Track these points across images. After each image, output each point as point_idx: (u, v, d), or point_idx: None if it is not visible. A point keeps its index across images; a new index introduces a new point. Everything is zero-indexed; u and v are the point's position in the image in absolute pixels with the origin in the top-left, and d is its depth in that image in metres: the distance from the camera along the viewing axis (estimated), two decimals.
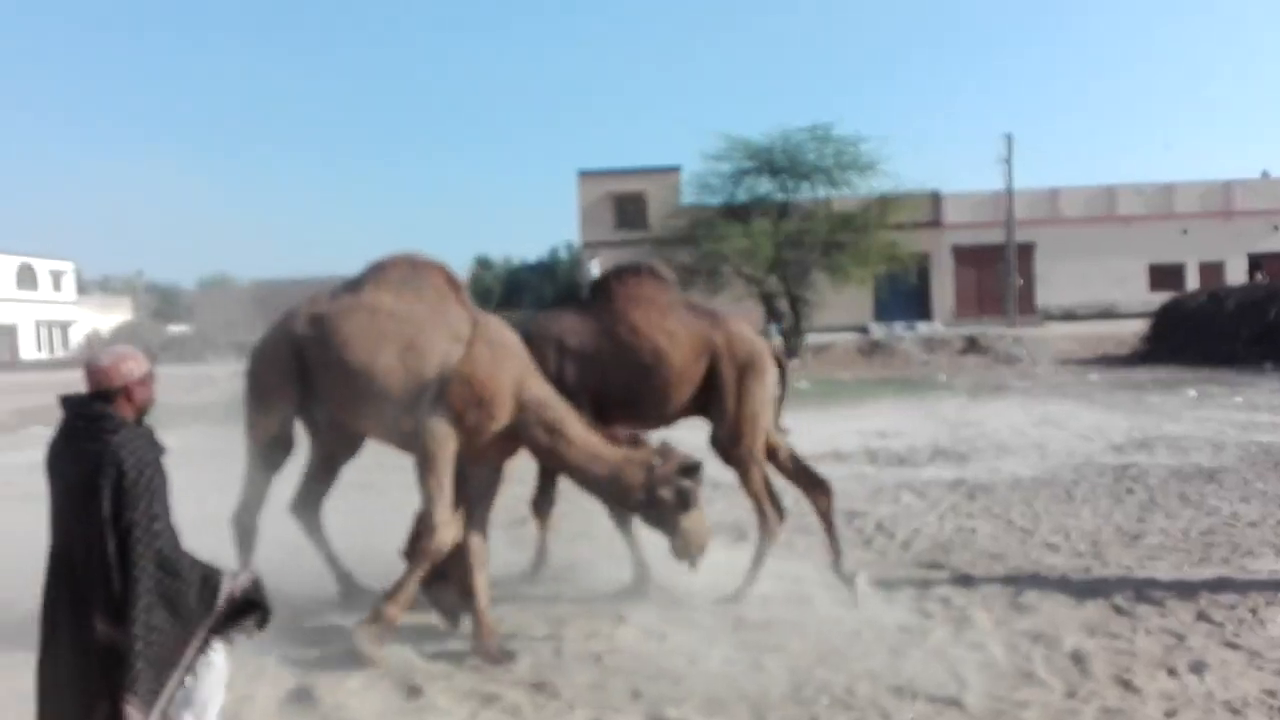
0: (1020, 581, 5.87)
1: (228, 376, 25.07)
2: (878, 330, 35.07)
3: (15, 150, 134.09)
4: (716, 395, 5.78)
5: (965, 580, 5.94)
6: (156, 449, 3.12)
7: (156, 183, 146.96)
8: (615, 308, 5.81)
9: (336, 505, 5.96)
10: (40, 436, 4.99)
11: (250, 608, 3.22)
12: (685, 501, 5.06)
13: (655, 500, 5.03)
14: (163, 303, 68.03)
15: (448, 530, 4.84)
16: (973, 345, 30.20)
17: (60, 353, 52.18)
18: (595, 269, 36.92)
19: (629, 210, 38.70)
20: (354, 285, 5.30)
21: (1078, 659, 4.54)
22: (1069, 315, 37.64)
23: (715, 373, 5.77)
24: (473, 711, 4.17)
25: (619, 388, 5.72)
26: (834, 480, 9.46)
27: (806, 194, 31.06)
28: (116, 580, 2.93)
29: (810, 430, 14.45)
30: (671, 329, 5.73)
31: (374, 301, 5.13)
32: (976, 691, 4.21)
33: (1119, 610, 5.24)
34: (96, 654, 2.94)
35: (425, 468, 4.90)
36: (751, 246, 27.81)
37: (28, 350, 53.26)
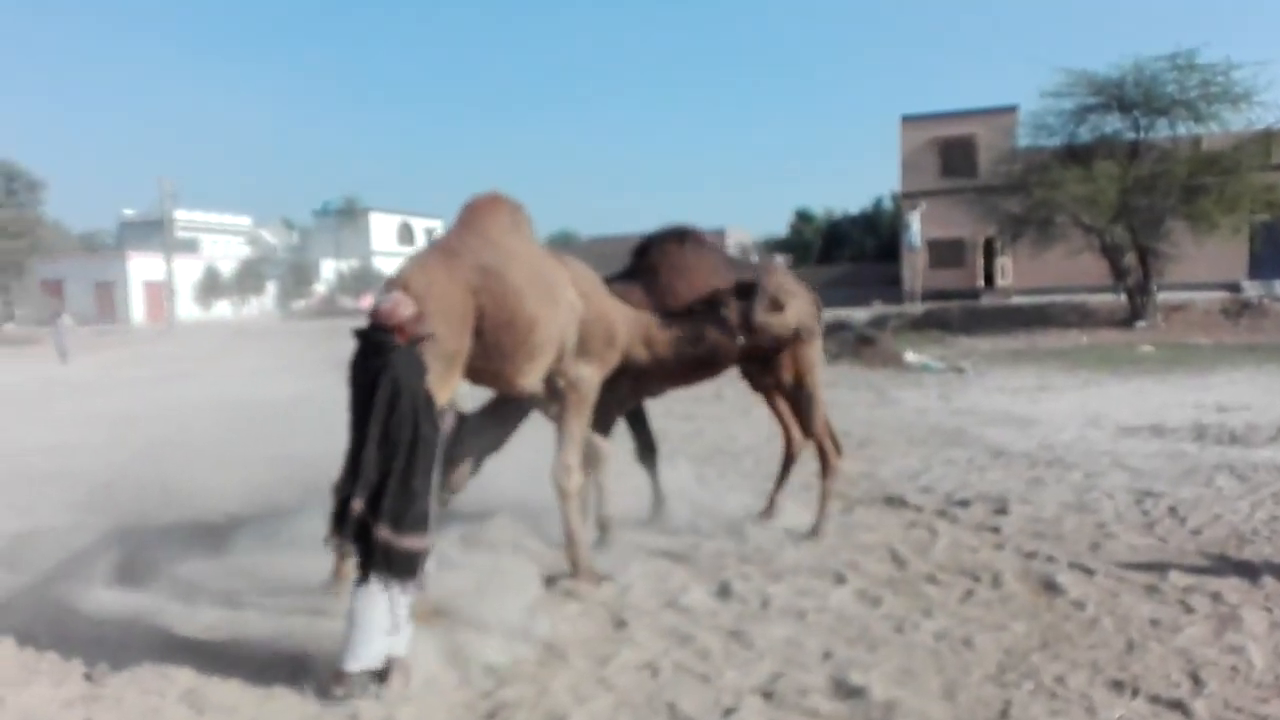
0: None
1: None
2: (1252, 288, 30.49)
3: (394, 121, 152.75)
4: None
5: (1253, 576, 5.18)
6: (420, 366, 4.04)
7: (517, 149, 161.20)
8: (660, 279, 5.87)
9: None
10: None
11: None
12: (775, 303, 5.69)
13: (754, 325, 5.62)
14: None
15: (580, 471, 5.32)
16: None
17: None
18: (915, 220, 35.39)
19: (955, 156, 36.40)
20: (476, 230, 5.02)
21: None
22: None
23: None
24: (666, 649, 4.37)
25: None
26: (1138, 457, 8.72)
27: (1164, 132, 27.39)
28: (376, 452, 3.82)
29: (1137, 399, 13.09)
30: None
31: (514, 248, 5.01)
32: (1212, 697, 3.72)
33: None
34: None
35: (574, 412, 5.27)
36: (1092, 192, 25.06)
37: None
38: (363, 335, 4.06)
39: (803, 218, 67.93)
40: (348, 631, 3.85)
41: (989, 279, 37.48)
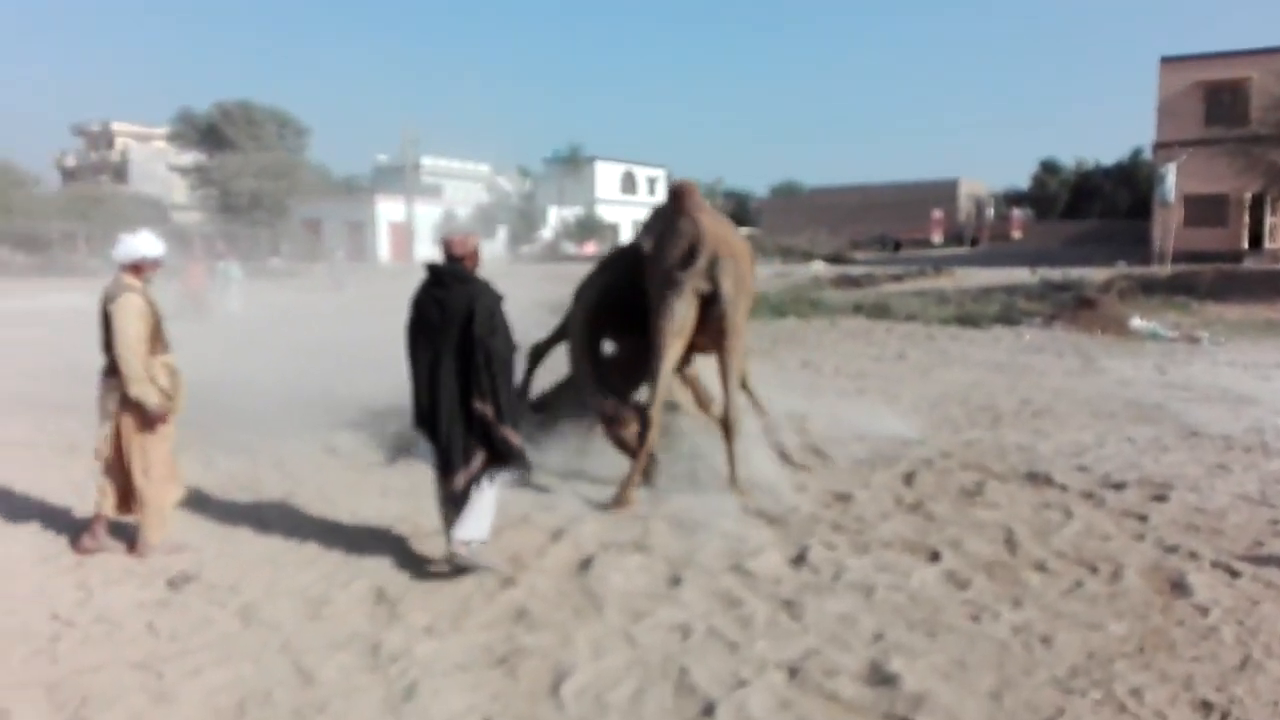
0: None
1: (768, 276, 26.81)
2: None
3: (629, 74, 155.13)
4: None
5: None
6: (496, 293, 4.50)
7: (740, 99, 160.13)
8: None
9: None
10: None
11: None
12: None
13: None
14: (737, 208, 73.95)
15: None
16: None
17: None
18: (1171, 173, 31.78)
19: (1222, 102, 32.24)
20: (697, 204, 6.22)
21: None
22: None
23: None
24: (709, 612, 4.17)
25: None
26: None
27: None
28: (481, 368, 4.34)
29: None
30: None
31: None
32: None
33: None
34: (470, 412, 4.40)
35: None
36: None
37: None
38: (442, 266, 4.52)
39: (1048, 169, 62.96)
40: (463, 513, 4.34)
41: (1255, 241, 33.28)
